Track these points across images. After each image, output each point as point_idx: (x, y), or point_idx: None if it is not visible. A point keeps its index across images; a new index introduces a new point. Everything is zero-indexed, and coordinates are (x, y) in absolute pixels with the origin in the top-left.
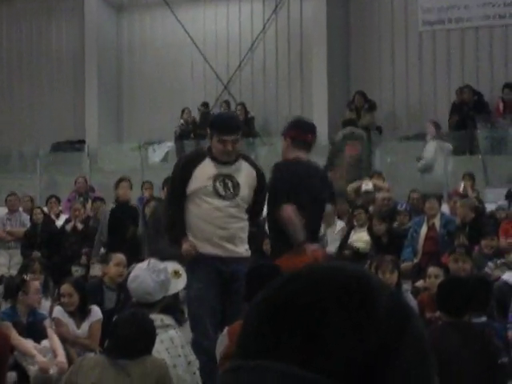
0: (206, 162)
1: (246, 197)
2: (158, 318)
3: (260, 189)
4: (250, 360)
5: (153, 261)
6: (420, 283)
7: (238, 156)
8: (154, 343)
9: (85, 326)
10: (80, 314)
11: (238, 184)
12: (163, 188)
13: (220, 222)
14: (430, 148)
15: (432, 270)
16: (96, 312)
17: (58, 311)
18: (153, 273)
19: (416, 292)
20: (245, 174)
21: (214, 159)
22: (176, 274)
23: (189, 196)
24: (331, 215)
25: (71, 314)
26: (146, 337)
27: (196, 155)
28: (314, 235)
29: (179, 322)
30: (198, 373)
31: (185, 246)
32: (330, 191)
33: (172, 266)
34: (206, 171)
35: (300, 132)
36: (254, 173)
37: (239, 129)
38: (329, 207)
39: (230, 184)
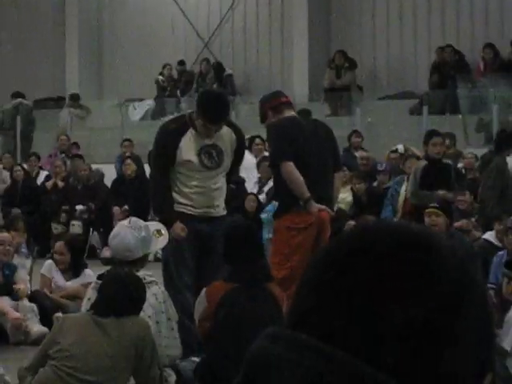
0: (189, 134)
1: (229, 162)
2: (141, 276)
3: (238, 149)
4: (294, 328)
5: (134, 219)
6: None
7: None
8: (142, 302)
9: (75, 282)
10: (72, 271)
11: (221, 151)
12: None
13: (205, 191)
14: (63, 114)
15: None
16: (89, 275)
17: (44, 266)
18: (134, 230)
19: None
20: (226, 139)
21: (197, 130)
22: (158, 232)
23: (175, 166)
24: (340, 183)
25: (62, 269)
26: (133, 296)
27: (179, 126)
28: (322, 201)
29: None
30: (175, 328)
31: (177, 231)
32: (335, 153)
33: (155, 225)
34: (190, 144)
35: (272, 100)
36: (233, 135)
37: (226, 117)
38: (340, 174)
39: (214, 153)
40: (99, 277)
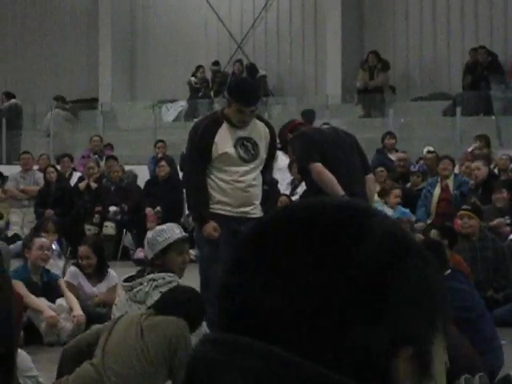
0: (224, 127)
1: (264, 155)
2: (159, 277)
3: (271, 143)
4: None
5: (169, 223)
6: None
7: None
8: (195, 318)
9: (101, 286)
10: (97, 275)
11: (256, 144)
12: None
13: (243, 186)
14: (49, 116)
15: (433, 232)
16: (113, 277)
17: (69, 274)
18: (151, 231)
19: None
20: (260, 132)
21: (230, 123)
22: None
23: (212, 162)
24: (374, 185)
25: (88, 274)
26: (191, 311)
27: (213, 122)
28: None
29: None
30: (205, 324)
31: (208, 230)
32: (362, 157)
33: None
34: (225, 137)
35: (289, 125)
36: (266, 129)
37: (259, 100)
38: (371, 176)
39: (249, 146)
40: (126, 279)
